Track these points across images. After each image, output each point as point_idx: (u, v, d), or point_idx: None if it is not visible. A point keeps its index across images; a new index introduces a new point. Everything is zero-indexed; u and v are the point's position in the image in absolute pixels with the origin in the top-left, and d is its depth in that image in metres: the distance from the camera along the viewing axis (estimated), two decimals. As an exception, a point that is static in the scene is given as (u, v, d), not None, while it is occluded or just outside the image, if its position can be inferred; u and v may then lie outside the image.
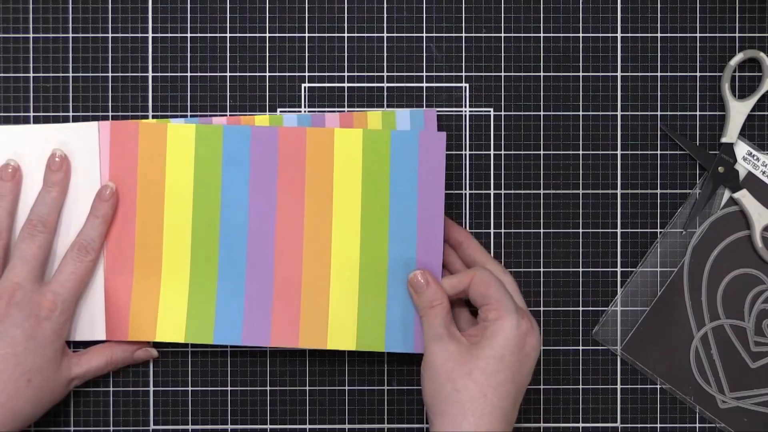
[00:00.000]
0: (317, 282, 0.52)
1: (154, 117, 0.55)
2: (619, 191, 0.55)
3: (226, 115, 0.55)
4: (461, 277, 0.50)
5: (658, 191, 0.55)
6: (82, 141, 0.53)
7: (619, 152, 0.55)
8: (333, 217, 0.52)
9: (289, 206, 0.52)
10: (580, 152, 0.55)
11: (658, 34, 0.55)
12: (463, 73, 0.55)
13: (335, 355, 0.55)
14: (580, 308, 0.55)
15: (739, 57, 0.55)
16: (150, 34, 0.55)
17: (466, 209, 0.55)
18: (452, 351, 0.47)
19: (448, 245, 0.53)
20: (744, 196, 0.55)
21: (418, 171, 0.52)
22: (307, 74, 0.55)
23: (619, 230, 0.55)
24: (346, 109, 0.55)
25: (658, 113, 0.55)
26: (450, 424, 0.46)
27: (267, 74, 0.55)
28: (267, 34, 0.55)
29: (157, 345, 0.55)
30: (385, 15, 0.55)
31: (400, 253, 0.52)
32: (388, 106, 0.55)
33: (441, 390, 0.47)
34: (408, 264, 0.52)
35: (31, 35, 0.55)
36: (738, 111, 0.54)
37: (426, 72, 0.55)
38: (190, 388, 0.55)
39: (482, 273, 0.49)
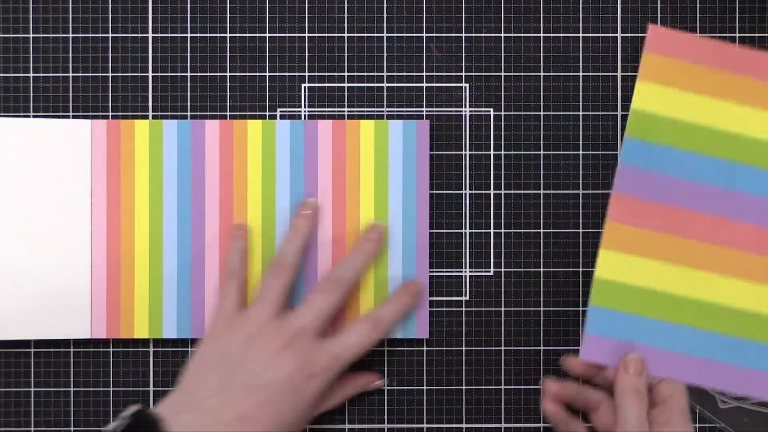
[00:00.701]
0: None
1: (153, 117, 0.55)
2: (619, 191, 0.55)
3: (226, 116, 0.55)
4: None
5: (658, 191, 0.55)
6: (74, 138, 0.53)
7: (618, 152, 0.55)
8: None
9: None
10: (580, 152, 0.55)
11: (658, 34, 0.55)
12: (463, 73, 0.55)
13: (335, 355, 0.55)
14: (580, 308, 0.55)
15: (739, 57, 0.55)
16: (150, 34, 0.55)
17: (466, 209, 0.55)
18: None
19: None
20: (744, 196, 0.55)
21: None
22: (307, 74, 0.55)
23: (619, 230, 0.55)
24: (345, 109, 0.55)
25: (658, 113, 0.55)
26: None
27: (267, 74, 0.55)
28: (267, 34, 0.55)
29: (156, 344, 0.55)
30: (385, 15, 0.55)
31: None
32: (388, 107, 0.55)
33: None
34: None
35: (31, 35, 0.55)
36: (738, 111, 0.54)
37: (426, 72, 0.55)
38: (190, 388, 0.55)
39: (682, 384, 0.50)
